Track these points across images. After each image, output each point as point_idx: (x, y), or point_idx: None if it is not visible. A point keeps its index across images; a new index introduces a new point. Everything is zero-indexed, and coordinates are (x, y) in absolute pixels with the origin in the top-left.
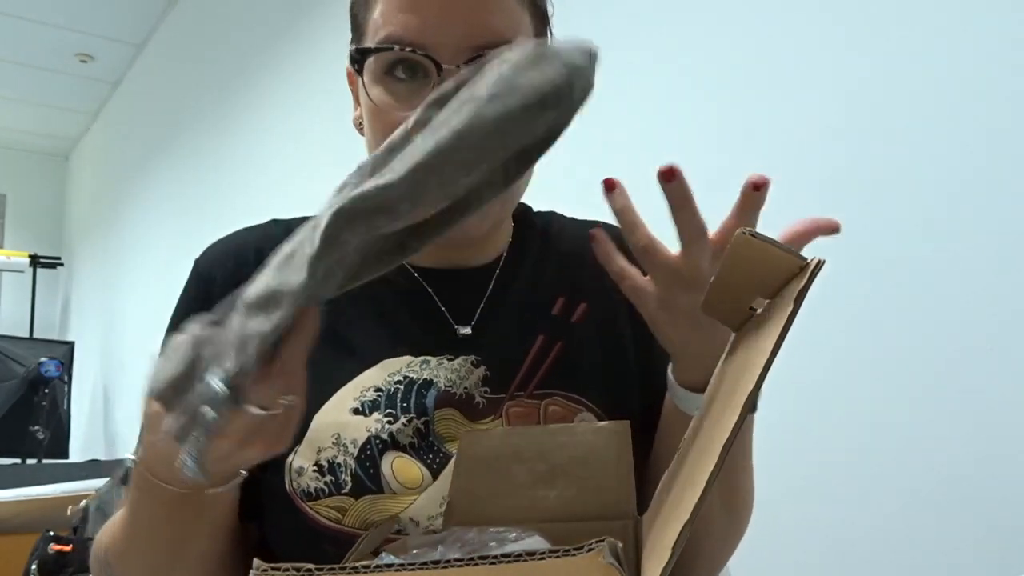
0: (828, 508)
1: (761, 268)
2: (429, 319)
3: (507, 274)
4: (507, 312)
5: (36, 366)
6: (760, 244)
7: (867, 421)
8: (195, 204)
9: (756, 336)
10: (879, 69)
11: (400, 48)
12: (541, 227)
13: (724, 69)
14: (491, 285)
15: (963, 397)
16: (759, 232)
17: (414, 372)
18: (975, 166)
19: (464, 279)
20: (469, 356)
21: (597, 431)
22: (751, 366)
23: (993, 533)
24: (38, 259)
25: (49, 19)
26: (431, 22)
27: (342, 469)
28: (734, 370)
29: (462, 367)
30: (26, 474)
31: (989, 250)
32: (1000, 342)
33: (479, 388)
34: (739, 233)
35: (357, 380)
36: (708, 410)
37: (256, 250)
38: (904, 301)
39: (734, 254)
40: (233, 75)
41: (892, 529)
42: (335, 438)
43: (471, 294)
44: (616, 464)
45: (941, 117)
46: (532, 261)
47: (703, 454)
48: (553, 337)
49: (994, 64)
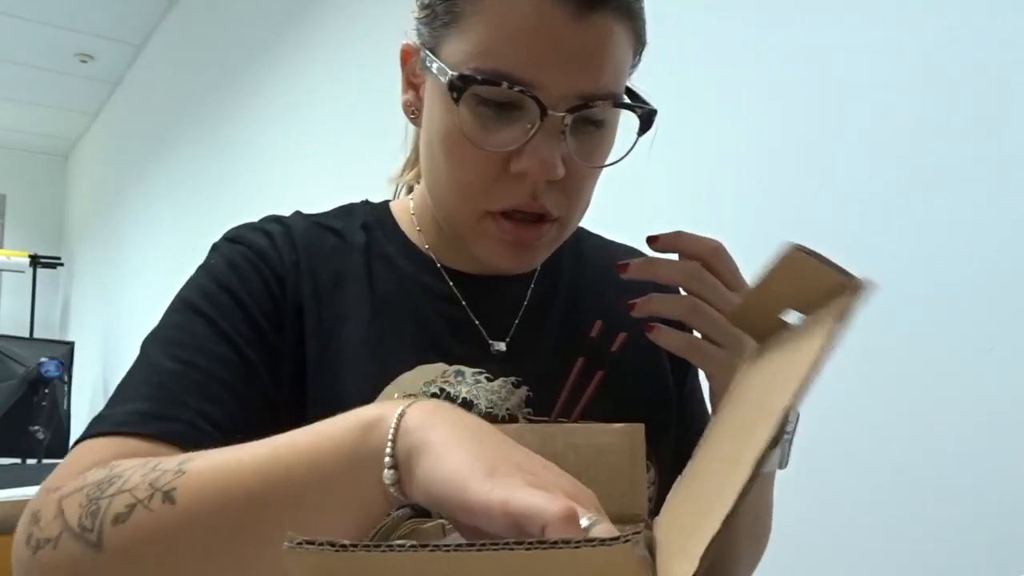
0: (828, 508)
1: (805, 283)
2: (462, 329)
3: (543, 288)
4: (544, 331)
5: (36, 366)
6: (811, 260)
7: (867, 421)
8: (195, 204)
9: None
10: (879, 69)
11: (508, 85)
12: (573, 241)
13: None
14: (527, 299)
15: (963, 396)
16: (810, 248)
17: (450, 385)
18: (978, 165)
19: (498, 290)
20: (509, 377)
21: (611, 432)
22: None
23: (993, 533)
24: (38, 259)
25: (49, 19)
26: (546, 62)
27: None
28: (766, 380)
29: (502, 388)
30: (26, 474)
31: (989, 249)
32: (1001, 341)
33: (522, 410)
34: (792, 248)
35: (399, 381)
36: (733, 417)
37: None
38: (904, 301)
39: (781, 267)
40: (233, 75)
41: (891, 529)
42: None
43: (505, 307)
44: (629, 466)
45: (941, 115)
46: (567, 279)
47: (734, 464)
48: (594, 362)
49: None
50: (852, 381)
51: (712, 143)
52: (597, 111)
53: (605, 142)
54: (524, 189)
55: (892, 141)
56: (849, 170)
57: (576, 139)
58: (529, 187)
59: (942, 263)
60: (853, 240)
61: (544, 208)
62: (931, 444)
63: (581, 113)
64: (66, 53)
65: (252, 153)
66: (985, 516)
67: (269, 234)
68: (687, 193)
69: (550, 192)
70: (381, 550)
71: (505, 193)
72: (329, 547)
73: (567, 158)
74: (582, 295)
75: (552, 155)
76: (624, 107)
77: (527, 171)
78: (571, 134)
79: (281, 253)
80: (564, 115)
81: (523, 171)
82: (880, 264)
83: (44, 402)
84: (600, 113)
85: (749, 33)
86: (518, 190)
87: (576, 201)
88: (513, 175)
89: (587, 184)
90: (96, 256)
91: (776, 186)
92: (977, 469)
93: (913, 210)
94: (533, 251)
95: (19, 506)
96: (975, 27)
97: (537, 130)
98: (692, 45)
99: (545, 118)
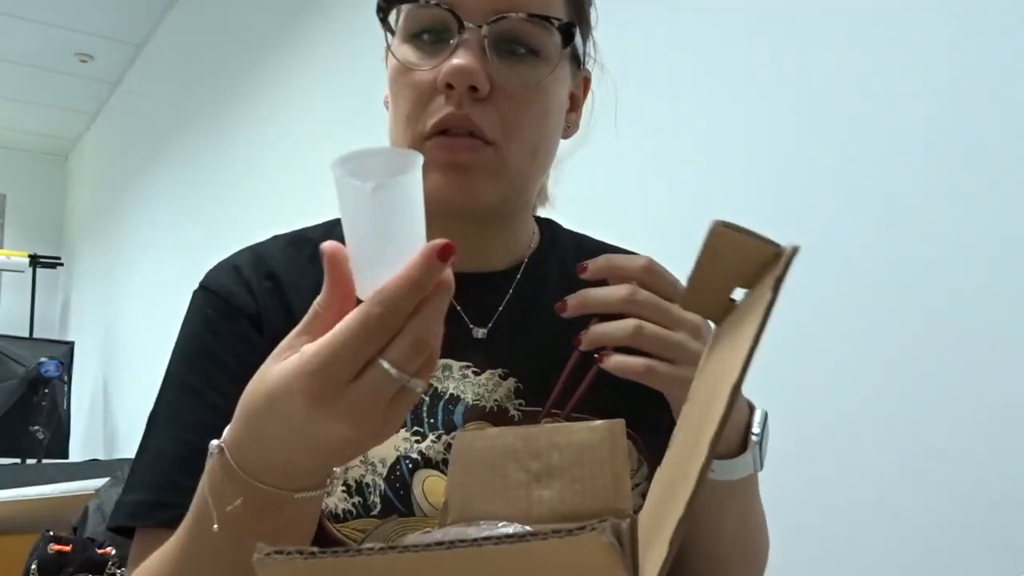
0: (828, 508)
1: (737, 258)
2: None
3: (529, 281)
4: (529, 321)
5: (36, 366)
6: (735, 234)
7: (867, 420)
8: (195, 204)
9: (737, 327)
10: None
11: (425, 1)
12: (572, 244)
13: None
14: (511, 290)
15: (963, 395)
16: (733, 222)
17: (436, 381)
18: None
19: (483, 282)
20: (496, 370)
21: (592, 429)
22: (734, 357)
23: (993, 533)
24: (38, 259)
25: (49, 19)
26: None
27: (371, 490)
28: (717, 362)
29: (489, 380)
30: (26, 474)
31: (989, 249)
32: (1001, 341)
33: (512, 400)
34: (714, 224)
35: None
36: (694, 404)
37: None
38: (903, 300)
39: (709, 245)
40: (233, 75)
41: (891, 529)
42: (362, 456)
43: (488, 296)
44: (611, 462)
45: (944, 115)
46: (559, 274)
47: (693, 448)
48: (587, 356)
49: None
50: (852, 380)
51: (714, 144)
52: (517, 29)
53: (538, 70)
54: (450, 102)
55: (893, 141)
56: (850, 170)
57: (505, 63)
58: (454, 100)
59: (942, 263)
60: (853, 240)
61: (472, 122)
62: (931, 443)
63: (502, 29)
64: (66, 53)
65: (252, 153)
66: (985, 515)
67: (237, 268)
68: (689, 196)
69: (479, 109)
70: (350, 554)
71: (435, 110)
72: (298, 555)
73: (493, 78)
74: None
75: (467, 61)
76: (537, 19)
77: (446, 79)
78: (498, 55)
79: (251, 285)
80: (482, 27)
81: (443, 80)
82: (880, 264)
83: (44, 402)
84: (524, 36)
85: (752, 31)
86: (445, 104)
87: (512, 126)
88: (441, 93)
89: (522, 109)
90: (96, 256)
91: (777, 186)
92: (977, 468)
93: (914, 210)
94: (471, 175)
95: (19, 506)
96: (984, 24)
97: (458, 45)
98: (693, 45)
99: (463, 30)
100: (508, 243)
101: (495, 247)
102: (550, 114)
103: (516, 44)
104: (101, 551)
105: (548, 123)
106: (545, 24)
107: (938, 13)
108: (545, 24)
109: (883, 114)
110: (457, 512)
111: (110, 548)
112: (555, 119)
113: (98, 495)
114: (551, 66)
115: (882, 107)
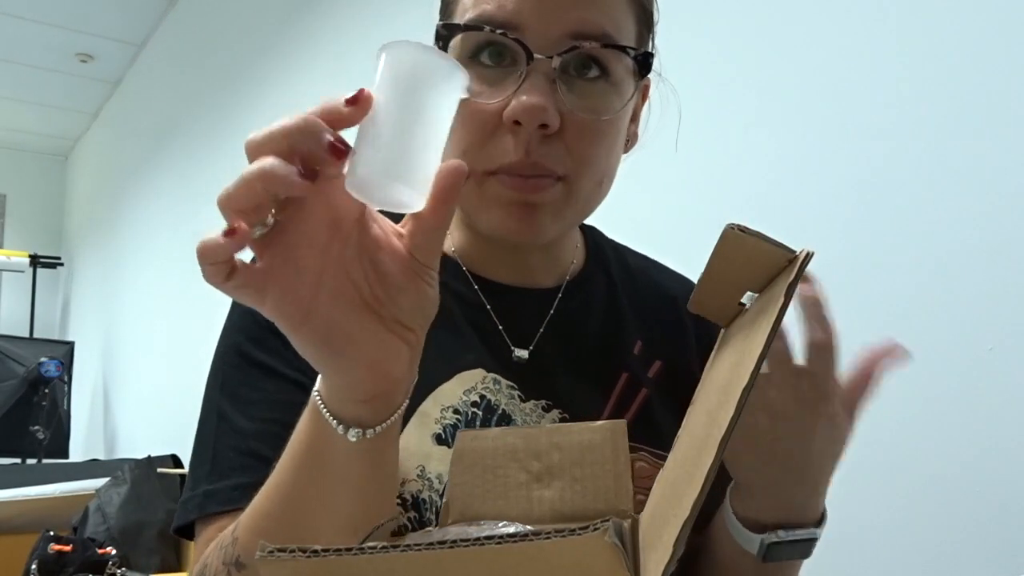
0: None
1: (750, 262)
2: (488, 337)
3: (572, 301)
4: (571, 343)
5: (36, 366)
6: (749, 239)
7: (866, 420)
8: (195, 204)
9: (748, 331)
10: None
11: (491, 29)
12: (616, 260)
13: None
14: (552, 310)
15: (962, 397)
16: (747, 226)
17: (489, 392)
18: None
19: (524, 298)
20: (540, 400)
21: (594, 430)
22: (745, 360)
23: (993, 533)
24: (38, 259)
25: (49, 19)
26: (527, 5)
27: (427, 506)
28: (728, 365)
29: (533, 412)
30: (26, 474)
31: (989, 248)
32: (1001, 342)
33: None
34: (728, 227)
35: (436, 394)
36: (702, 406)
37: None
38: (904, 300)
39: (723, 248)
40: (233, 75)
41: (891, 529)
42: (419, 470)
43: (529, 316)
44: (613, 462)
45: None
46: (602, 293)
47: (701, 451)
48: (634, 382)
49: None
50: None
51: (725, 144)
52: (589, 56)
53: (608, 96)
54: (518, 143)
55: (894, 142)
56: (850, 170)
57: (575, 92)
58: (523, 140)
59: (943, 262)
60: (854, 240)
61: (541, 165)
62: (931, 444)
63: (573, 58)
64: (66, 53)
65: None
66: (985, 516)
67: None
68: (701, 194)
69: (547, 147)
70: (352, 552)
71: (500, 149)
72: (300, 554)
73: (564, 110)
74: (620, 312)
75: (537, 98)
76: (614, 48)
77: (515, 116)
78: (567, 84)
79: None
80: (552, 58)
81: (511, 117)
82: (880, 264)
83: (44, 402)
84: (595, 58)
85: (753, 31)
86: (512, 145)
87: (582, 159)
88: (507, 130)
89: (593, 141)
90: (96, 256)
91: (778, 187)
92: (977, 469)
93: (914, 209)
94: (537, 213)
95: (19, 506)
96: (984, 24)
97: (526, 76)
98: (693, 45)
99: (532, 62)
100: (554, 257)
101: (541, 262)
102: (618, 141)
103: (586, 68)
104: (101, 551)
105: (616, 151)
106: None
107: (943, 13)
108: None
109: (883, 114)
110: (458, 512)
111: (110, 548)
112: (621, 141)
113: (98, 495)
114: (623, 97)
115: (881, 107)
